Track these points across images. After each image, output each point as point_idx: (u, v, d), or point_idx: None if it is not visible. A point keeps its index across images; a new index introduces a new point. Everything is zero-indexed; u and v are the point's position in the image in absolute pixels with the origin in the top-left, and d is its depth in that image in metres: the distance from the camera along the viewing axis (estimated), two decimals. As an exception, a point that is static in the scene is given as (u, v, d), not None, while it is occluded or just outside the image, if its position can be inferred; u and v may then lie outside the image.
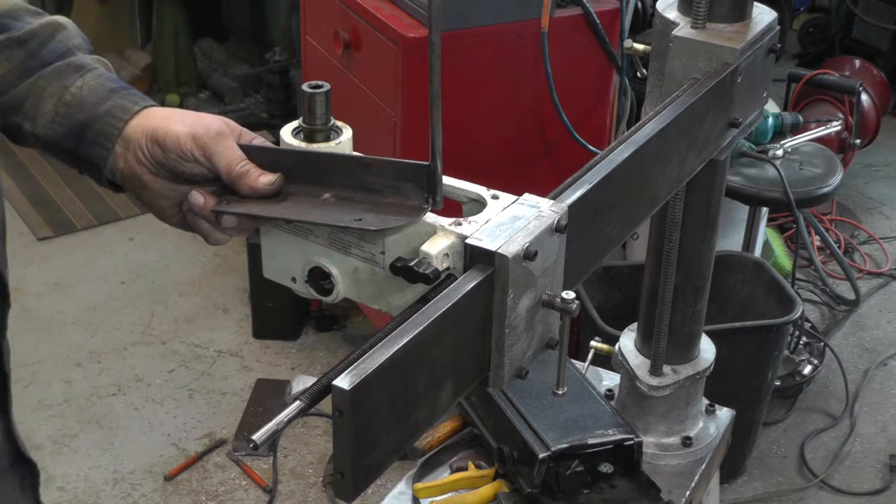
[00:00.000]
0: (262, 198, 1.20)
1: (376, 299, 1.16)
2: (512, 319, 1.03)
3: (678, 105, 1.35)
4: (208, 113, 1.26)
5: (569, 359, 1.48)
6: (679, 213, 1.66)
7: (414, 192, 1.12)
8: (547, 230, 1.05)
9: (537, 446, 1.71)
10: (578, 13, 3.02)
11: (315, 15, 3.37)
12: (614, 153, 1.23)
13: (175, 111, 1.23)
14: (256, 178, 1.19)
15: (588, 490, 1.72)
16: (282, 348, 3.60)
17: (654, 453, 1.85)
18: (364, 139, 1.27)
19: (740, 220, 3.36)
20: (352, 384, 0.87)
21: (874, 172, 4.74)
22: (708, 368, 1.85)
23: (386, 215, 1.11)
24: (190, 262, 4.01)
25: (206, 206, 1.21)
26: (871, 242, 4.25)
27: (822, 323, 3.81)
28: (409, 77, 2.84)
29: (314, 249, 1.19)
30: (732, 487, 3.12)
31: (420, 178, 1.11)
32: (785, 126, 3.31)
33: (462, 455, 1.92)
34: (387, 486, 2.64)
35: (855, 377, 3.54)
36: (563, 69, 2.98)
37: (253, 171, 1.19)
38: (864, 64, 4.68)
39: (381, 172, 1.15)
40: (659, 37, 1.57)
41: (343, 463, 0.91)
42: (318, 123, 1.19)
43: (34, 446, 3.09)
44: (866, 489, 3.16)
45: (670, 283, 1.73)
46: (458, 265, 1.06)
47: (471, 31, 2.84)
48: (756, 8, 1.57)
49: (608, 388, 1.98)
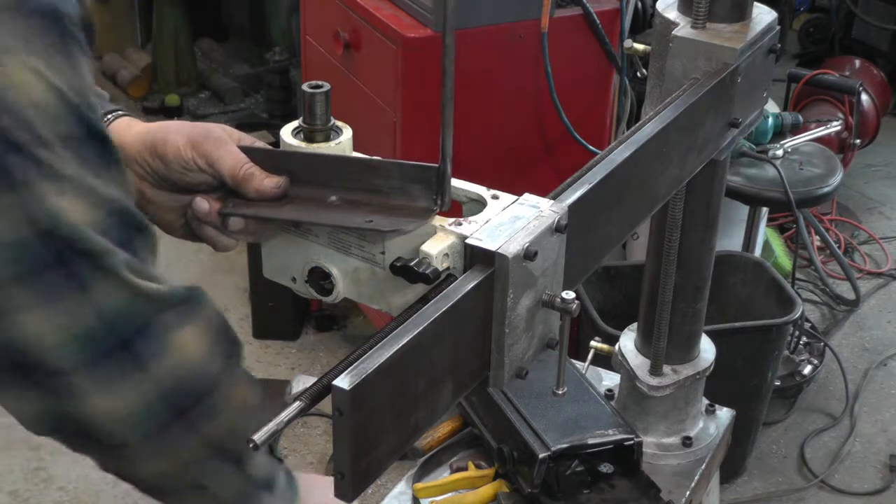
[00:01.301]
0: (268, 201, 1.19)
1: (376, 299, 1.17)
2: (512, 319, 1.03)
3: (678, 105, 1.35)
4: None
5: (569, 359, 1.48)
6: (679, 213, 1.66)
7: (421, 193, 1.12)
8: (547, 230, 1.05)
9: (537, 446, 1.71)
10: (578, 13, 3.02)
11: (315, 15, 3.37)
12: (614, 153, 1.23)
13: (170, 123, 1.23)
14: (262, 180, 1.18)
15: (588, 490, 1.72)
16: (282, 348, 3.60)
17: (654, 453, 1.85)
18: (364, 139, 1.27)
19: (740, 220, 3.36)
20: (352, 384, 0.87)
21: (874, 172, 4.74)
22: (708, 368, 1.85)
23: (395, 217, 1.11)
24: (190, 262, 4.01)
25: (212, 211, 1.20)
26: (871, 242, 4.25)
27: (822, 323, 3.81)
28: (409, 77, 2.84)
29: (314, 249, 1.19)
30: (732, 487, 3.12)
31: (427, 179, 1.11)
32: (785, 126, 3.32)
33: (462, 455, 1.92)
34: (387, 486, 2.64)
35: (855, 377, 3.54)
36: (563, 69, 2.98)
37: (258, 173, 1.19)
38: (864, 64, 4.68)
39: (387, 174, 1.15)
40: (659, 37, 1.57)
41: (343, 463, 0.91)
42: (318, 123, 1.19)
43: (34, 446, 3.09)
44: (866, 489, 3.16)
45: (670, 283, 1.73)
46: (458, 265, 1.06)
47: (471, 31, 2.84)
48: (756, 8, 1.57)
49: (608, 388, 1.98)
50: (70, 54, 0.95)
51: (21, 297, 0.94)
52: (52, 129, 0.92)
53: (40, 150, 0.91)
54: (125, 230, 1.00)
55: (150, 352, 1.02)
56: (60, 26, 0.94)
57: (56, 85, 0.92)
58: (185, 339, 1.05)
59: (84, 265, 0.96)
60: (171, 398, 1.04)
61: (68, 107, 0.93)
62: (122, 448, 1.07)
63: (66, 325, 0.97)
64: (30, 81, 0.91)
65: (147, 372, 1.02)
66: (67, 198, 0.93)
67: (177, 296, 1.05)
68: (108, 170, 0.98)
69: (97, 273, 0.97)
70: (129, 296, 0.99)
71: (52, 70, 0.92)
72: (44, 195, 0.92)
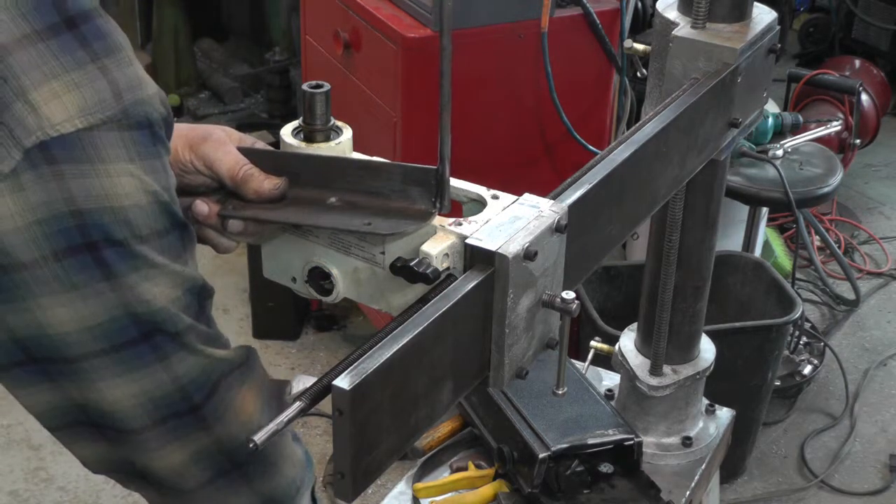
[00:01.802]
0: (267, 202, 1.19)
1: (376, 299, 1.17)
2: (512, 319, 1.03)
3: (678, 105, 1.35)
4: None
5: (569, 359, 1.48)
6: (679, 213, 1.66)
7: (421, 195, 1.12)
8: (547, 230, 1.05)
9: (537, 446, 1.71)
10: (578, 13, 3.01)
11: (315, 15, 3.37)
12: (614, 153, 1.23)
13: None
14: (261, 181, 1.19)
15: (588, 490, 1.73)
16: (282, 348, 3.60)
17: (654, 453, 1.85)
18: (364, 139, 1.27)
19: (740, 220, 3.36)
20: (352, 384, 0.87)
21: (874, 172, 4.74)
22: (708, 368, 1.85)
23: (394, 219, 1.11)
24: (190, 262, 4.01)
25: (212, 214, 1.21)
26: (871, 242, 4.24)
27: (822, 323, 3.80)
28: (409, 77, 2.84)
29: (314, 249, 1.19)
30: (732, 487, 3.12)
31: (427, 181, 1.11)
32: (785, 126, 3.31)
33: (462, 455, 1.92)
34: (387, 486, 2.64)
35: (855, 377, 3.54)
36: (563, 69, 2.98)
37: (257, 174, 1.19)
38: (864, 64, 4.67)
39: (387, 176, 1.15)
40: (659, 37, 1.57)
41: (343, 463, 0.91)
42: (318, 123, 1.19)
43: (34, 446, 3.09)
44: (866, 489, 3.16)
45: (670, 283, 1.73)
46: (459, 265, 1.06)
47: (471, 31, 2.84)
48: (756, 8, 1.57)
49: (608, 388, 1.98)
50: (160, 156, 1.05)
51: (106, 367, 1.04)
52: (147, 226, 1.03)
53: (136, 245, 1.02)
54: (199, 302, 1.11)
55: (215, 413, 1.12)
56: (153, 133, 1.04)
57: (151, 188, 1.03)
58: (242, 399, 1.14)
59: (166, 340, 1.06)
60: (227, 454, 1.14)
61: (160, 205, 1.04)
62: (179, 494, 1.15)
63: (145, 391, 1.07)
64: (129, 185, 1.01)
65: (208, 430, 1.12)
66: (155, 283, 1.04)
67: (237, 359, 1.14)
68: (186, 251, 1.09)
69: (177, 347, 1.07)
70: (202, 364, 1.09)
71: (147, 174, 1.03)
72: (136, 283, 1.03)
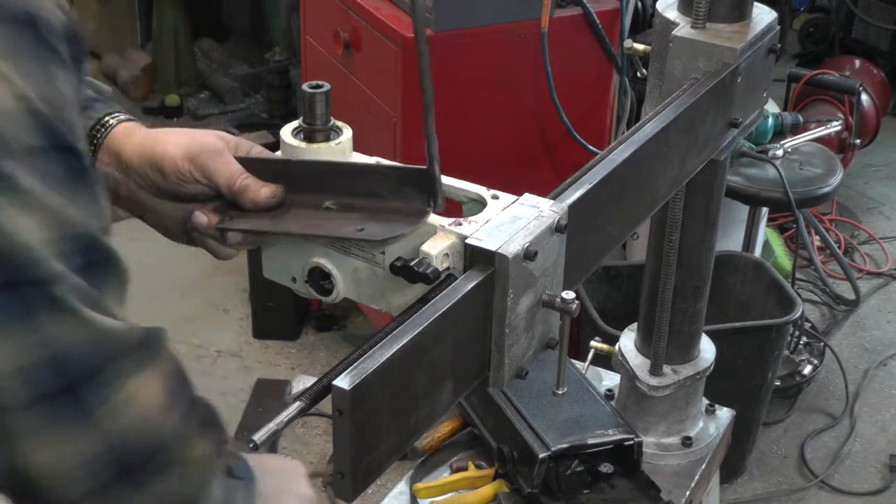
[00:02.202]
0: (264, 210, 1.20)
1: (376, 299, 1.17)
2: (512, 319, 1.03)
3: (678, 105, 1.35)
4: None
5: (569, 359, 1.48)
6: (679, 213, 1.66)
7: (415, 195, 1.12)
8: (547, 230, 1.05)
9: (537, 446, 1.71)
10: (578, 13, 3.02)
11: (315, 15, 3.37)
12: (614, 153, 1.23)
13: (169, 131, 1.23)
14: (257, 191, 1.20)
15: (588, 490, 1.72)
16: (282, 348, 3.60)
17: (654, 453, 1.85)
18: (364, 139, 1.27)
19: (740, 220, 3.36)
20: (352, 384, 0.87)
21: (874, 172, 4.74)
22: (708, 368, 1.85)
23: (388, 223, 1.12)
24: (190, 262, 4.00)
25: (211, 225, 1.21)
26: (871, 242, 4.24)
27: (822, 323, 3.80)
28: (409, 77, 2.84)
29: (314, 250, 1.19)
30: (732, 487, 3.12)
31: (420, 181, 1.11)
32: (785, 126, 3.31)
33: (462, 455, 1.92)
34: (387, 486, 2.64)
35: (855, 377, 3.54)
36: (563, 69, 2.98)
37: (253, 184, 1.20)
38: (864, 64, 4.67)
39: (381, 178, 1.15)
40: (659, 37, 1.57)
41: (343, 463, 0.91)
42: (318, 123, 1.19)
43: None
44: (866, 489, 3.16)
45: (670, 283, 1.73)
46: (459, 265, 1.06)
47: (471, 31, 2.84)
48: (756, 8, 1.57)
49: (608, 388, 1.98)
50: (42, 62, 0.88)
51: None
52: (14, 138, 0.85)
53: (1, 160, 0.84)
54: (85, 257, 0.90)
55: (98, 400, 0.90)
56: (35, 33, 0.88)
57: (23, 92, 0.86)
58: (138, 389, 0.93)
59: (31, 289, 0.86)
60: (117, 455, 0.92)
61: (34, 115, 0.86)
62: None
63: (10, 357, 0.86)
64: None
65: (94, 423, 0.90)
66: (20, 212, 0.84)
67: (135, 336, 0.93)
68: (74, 189, 0.89)
69: (46, 301, 0.86)
70: (81, 331, 0.88)
71: (19, 76, 0.86)
72: None
